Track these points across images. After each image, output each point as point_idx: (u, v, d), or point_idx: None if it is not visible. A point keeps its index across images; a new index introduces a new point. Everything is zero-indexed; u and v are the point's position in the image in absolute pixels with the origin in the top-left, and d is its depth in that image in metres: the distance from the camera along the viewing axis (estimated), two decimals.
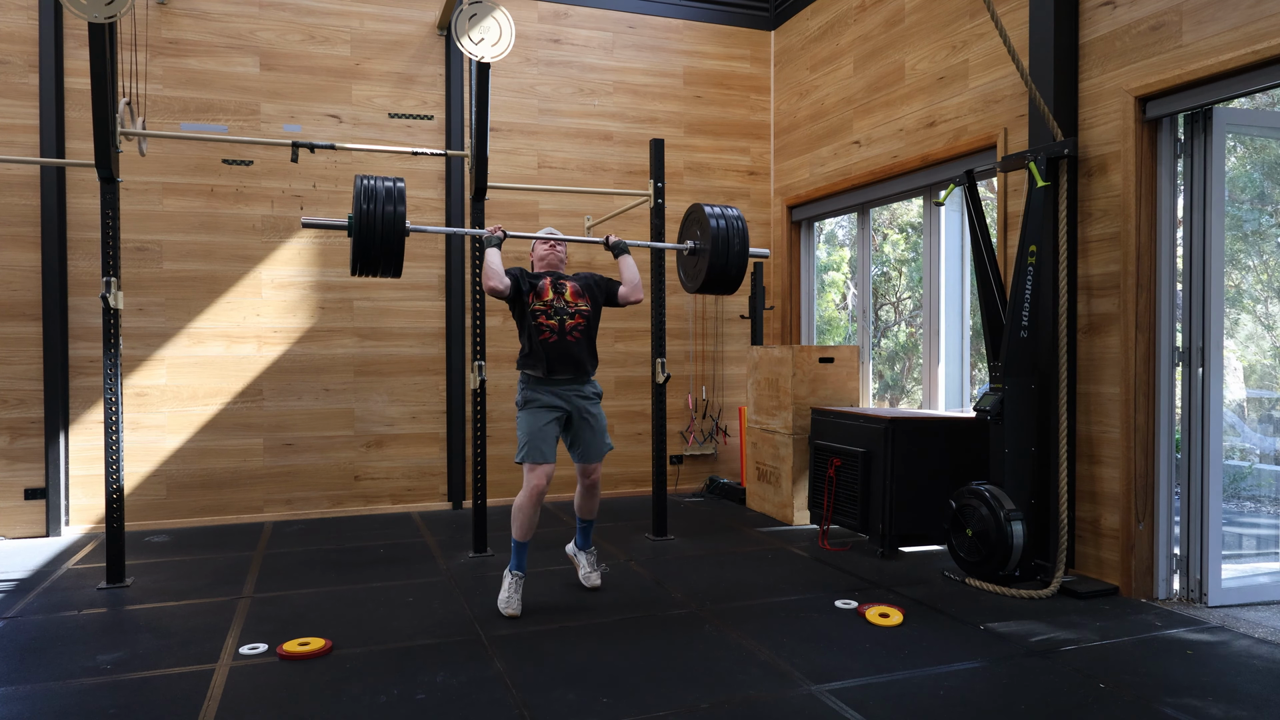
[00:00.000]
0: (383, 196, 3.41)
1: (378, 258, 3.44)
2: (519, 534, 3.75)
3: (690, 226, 4.12)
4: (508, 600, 3.68)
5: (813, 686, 2.91)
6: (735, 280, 3.99)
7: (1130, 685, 2.92)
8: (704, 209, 3.98)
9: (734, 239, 3.92)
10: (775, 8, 6.90)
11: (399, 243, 3.46)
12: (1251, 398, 4.85)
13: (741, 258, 3.94)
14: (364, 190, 3.42)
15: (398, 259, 3.49)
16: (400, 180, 3.53)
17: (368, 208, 3.38)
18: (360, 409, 5.91)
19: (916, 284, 8.53)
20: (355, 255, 3.44)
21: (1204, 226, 3.79)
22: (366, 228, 3.38)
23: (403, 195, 3.46)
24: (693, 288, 4.12)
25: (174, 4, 5.53)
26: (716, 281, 3.97)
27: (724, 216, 3.93)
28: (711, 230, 3.87)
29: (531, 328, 3.79)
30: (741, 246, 3.92)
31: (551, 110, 6.37)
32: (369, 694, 2.87)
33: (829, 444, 5.14)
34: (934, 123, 5.20)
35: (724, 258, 3.89)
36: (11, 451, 5.24)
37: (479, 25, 4.15)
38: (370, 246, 3.41)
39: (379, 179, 3.49)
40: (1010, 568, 3.99)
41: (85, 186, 5.34)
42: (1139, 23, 3.86)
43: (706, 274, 3.93)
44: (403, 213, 3.44)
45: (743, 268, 3.98)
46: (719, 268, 3.91)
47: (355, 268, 3.50)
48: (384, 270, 3.51)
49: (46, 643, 3.37)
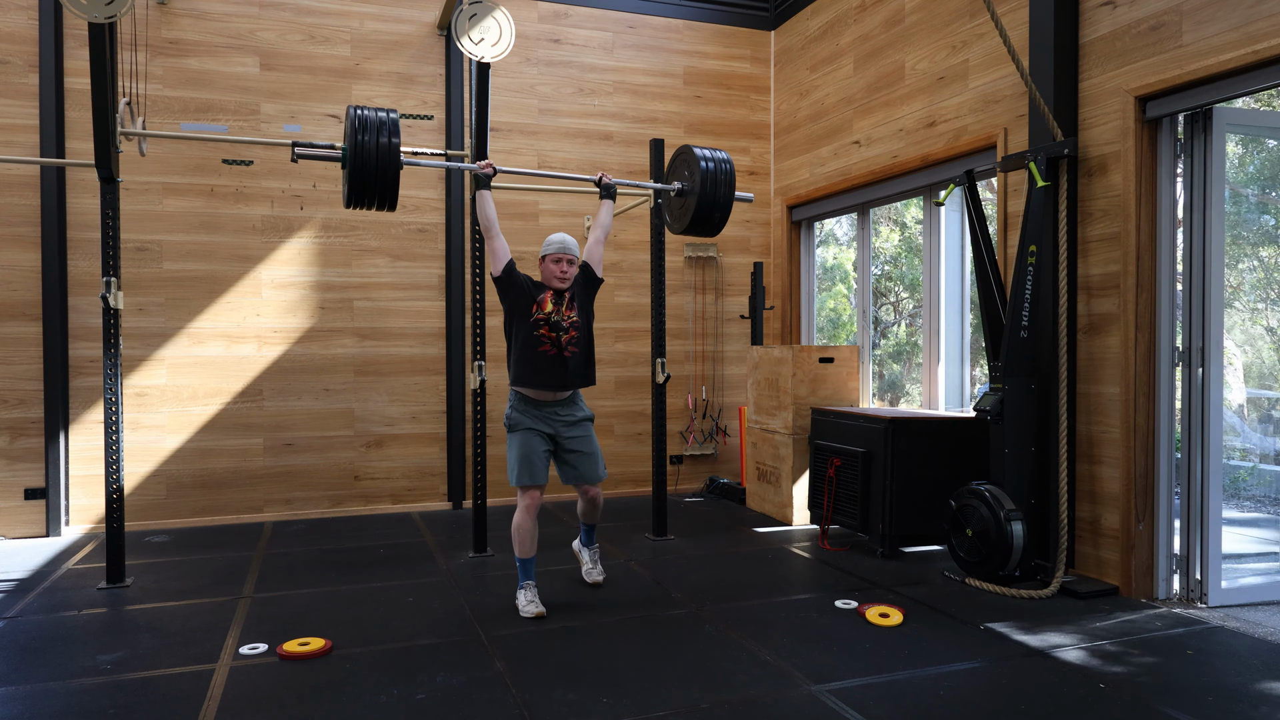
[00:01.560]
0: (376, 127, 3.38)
1: (372, 189, 3.40)
2: (521, 552, 3.77)
3: (679, 167, 4.14)
4: (528, 603, 3.69)
5: (813, 686, 2.91)
6: (720, 221, 4.07)
7: (1130, 685, 2.92)
8: (694, 150, 4.02)
9: (721, 180, 4.00)
10: (775, 8, 6.90)
11: (394, 174, 3.41)
12: (1252, 397, 4.85)
13: (728, 200, 4.03)
14: (358, 120, 3.39)
15: (393, 191, 3.44)
16: (394, 110, 3.50)
17: (362, 139, 3.35)
18: (360, 409, 5.91)
19: (914, 283, 8.52)
20: (350, 187, 3.40)
21: (1204, 226, 3.79)
22: (360, 158, 3.35)
23: (396, 126, 3.41)
24: (678, 229, 4.19)
25: (174, 4, 5.53)
26: (703, 221, 4.05)
27: (713, 159, 3.99)
28: (701, 170, 3.93)
29: (531, 338, 3.74)
30: (728, 189, 4.01)
31: (551, 110, 6.37)
32: (369, 694, 2.87)
33: (829, 444, 5.14)
34: (934, 123, 5.20)
35: (711, 199, 3.97)
36: (11, 451, 5.24)
37: (479, 25, 4.16)
38: (365, 177, 3.37)
39: (372, 109, 3.46)
40: (1010, 568, 3.99)
41: (85, 186, 5.34)
42: (1139, 23, 3.86)
43: (694, 213, 4.00)
44: (397, 144, 3.40)
45: (728, 209, 4.06)
46: (705, 208, 3.99)
47: (349, 200, 3.45)
48: (379, 203, 3.45)
49: (46, 643, 3.37)
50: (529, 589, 3.76)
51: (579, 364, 3.80)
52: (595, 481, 3.92)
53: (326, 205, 5.85)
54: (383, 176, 3.39)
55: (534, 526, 3.76)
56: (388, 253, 5.96)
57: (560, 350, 3.75)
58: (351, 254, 5.89)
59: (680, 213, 4.13)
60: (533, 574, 3.80)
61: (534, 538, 3.77)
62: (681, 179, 4.11)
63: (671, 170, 4.21)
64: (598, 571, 4.13)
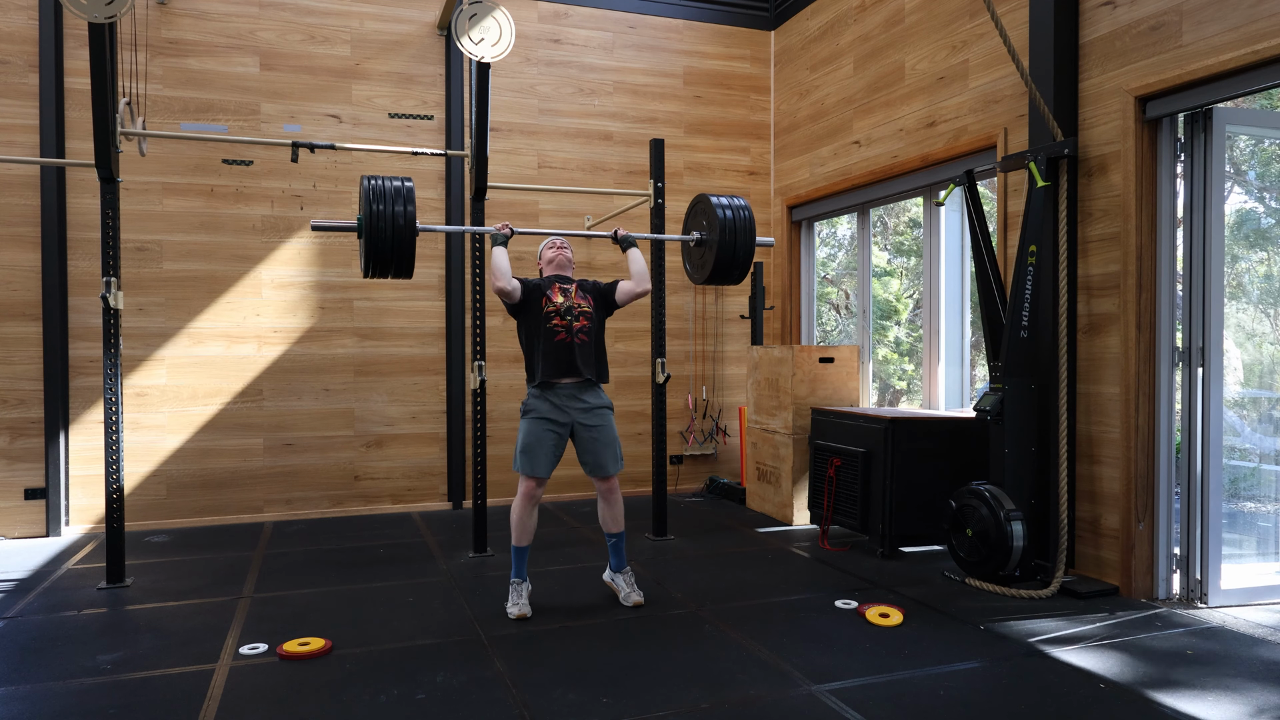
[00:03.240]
0: (392, 196, 3.36)
1: (389, 259, 3.38)
2: (517, 539, 3.77)
3: (696, 217, 4.10)
4: (515, 604, 3.69)
5: (813, 686, 2.91)
6: (743, 270, 3.96)
7: (1130, 685, 2.92)
8: (710, 199, 3.96)
9: (740, 228, 3.89)
10: (775, 8, 6.90)
11: (411, 243, 3.39)
12: (1254, 397, 4.85)
13: (748, 247, 3.90)
14: (372, 190, 3.36)
15: (409, 259, 3.43)
16: (409, 180, 3.48)
17: (378, 208, 3.33)
18: (360, 409, 5.91)
19: (911, 283, 8.52)
20: (366, 257, 3.38)
21: (1204, 226, 3.79)
22: (377, 229, 3.33)
23: (412, 195, 3.39)
24: (700, 279, 4.09)
25: (174, 4, 5.53)
26: (724, 272, 3.94)
27: (731, 206, 3.91)
28: (719, 220, 3.85)
29: (545, 330, 3.72)
30: (748, 236, 3.90)
31: (551, 110, 6.37)
32: (369, 694, 2.87)
33: (829, 444, 5.14)
34: (934, 123, 5.20)
35: (731, 249, 3.86)
36: (11, 451, 5.24)
37: (479, 25, 4.15)
38: (382, 248, 3.36)
39: (387, 179, 3.43)
40: (1010, 568, 3.99)
41: (85, 186, 5.34)
42: (1139, 23, 3.86)
43: (714, 264, 3.90)
44: (413, 212, 3.38)
45: (750, 257, 3.94)
46: (726, 258, 3.89)
47: (366, 269, 3.45)
48: (396, 272, 3.46)
49: (46, 643, 3.37)
50: (517, 587, 3.74)
51: (590, 351, 3.78)
52: (607, 473, 3.79)
53: (326, 205, 5.85)
54: (399, 246, 3.37)
55: (530, 516, 3.74)
56: None
57: (571, 337, 3.73)
58: (351, 254, 5.89)
59: (700, 263, 4.06)
60: (524, 570, 3.78)
61: (529, 527, 3.75)
62: (700, 229, 4.05)
63: (690, 220, 4.16)
64: (637, 594, 3.82)
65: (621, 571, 3.91)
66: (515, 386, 6.24)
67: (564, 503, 6.21)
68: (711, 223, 3.91)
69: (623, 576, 3.90)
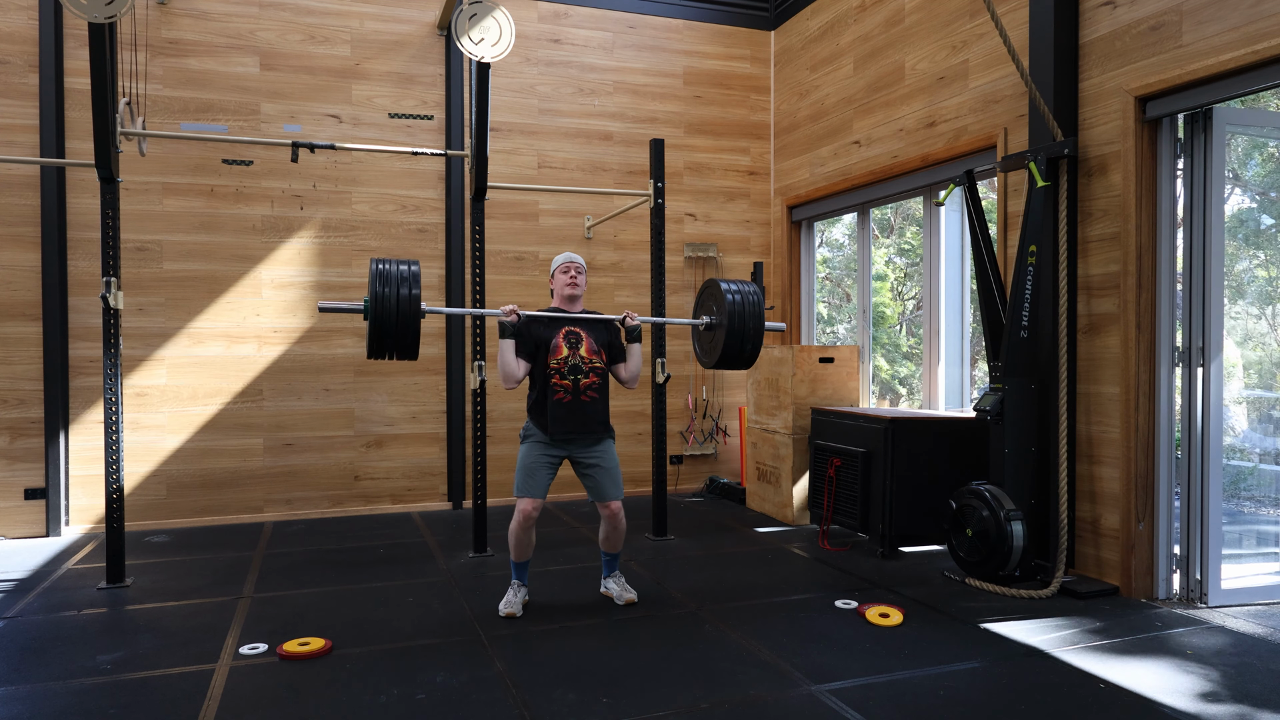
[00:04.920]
0: (397, 279, 3.41)
1: (393, 341, 3.44)
2: (515, 556, 3.78)
3: (706, 301, 4.11)
4: (507, 602, 3.71)
5: (813, 686, 2.91)
6: (753, 354, 3.93)
7: (1130, 685, 2.92)
8: (720, 284, 3.95)
9: (750, 313, 3.88)
10: (775, 8, 6.90)
11: (415, 326, 3.45)
12: (1254, 397, 4.85)
13: (758, 332, 3.88)
14: (378, 274, 3.42)
15: (414, 342, 3.47)
16: (415, 264, 3.49)
17: (383, 291, 3.39)
18: (360, 409, 5.91)
19: (907, 282, 8.53)
20: (371, 339, 3.43)
21: (1204, 226, 3.79)
22: (382, 312, 3.38)
23: (417, 278, 3.43)
24: (709, 363, 4.07)
25: (174, 4, 5.53)
26: (734, 356, 3.91)
27: (740, 292, 3.91)
28: (728, 305, 3.86)
29: (548, 387, 3.70)
30: (757, 321, 3.89)
31: (551, 110, 6.37)
32: (369, 694, 2.87)
33: (829, 444, 5.14)
34: (934, 123, 5.20)
35: (740, 335, 3.85)
36: (11, 451, 5.24)
37: (479, 25, 4.15)
38: (386, 330, 3.41)
39: (393, 262, 3.48)
40: (1010, 568, 3.99)
41: (85, 186, 5.34)
42: (1139, 23, 3.86)
43: (724, 348, 3.90)
44: (418, 295, 3.42)
45: (759, 342, 3.91)
46: (736, 343, 3.86)
47: (372, 353, 3.49)
48: (400, 354, 3.49)
49: (46, 643, 3.37)
50: (514, 588, 3.77)
51: (596, 408, 3.73)
52: (610, 496, 3.77)
53: (326, 205, 5.85)
54: (403, 329, 3.41)
55: (527, 536, 3.73)
56: (388, 253, 5.96)
57: (576, 396, 3.69)
58: (351, 254, 5.89)
59: (710, 347, 4.05)
60: (524, 576, 3.81)
61: (526, 545, 3.75)
62: (709, 313, 4.06)
63: (699, 304, 4.17)
64: (629, 592, 3.86)
65: (611, 575, 3.95)
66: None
67: (564, 503, 6.21)
68: (721, 307, 3.92)
69: (613, 579, 3.94)
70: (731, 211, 6.89)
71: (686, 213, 6.74)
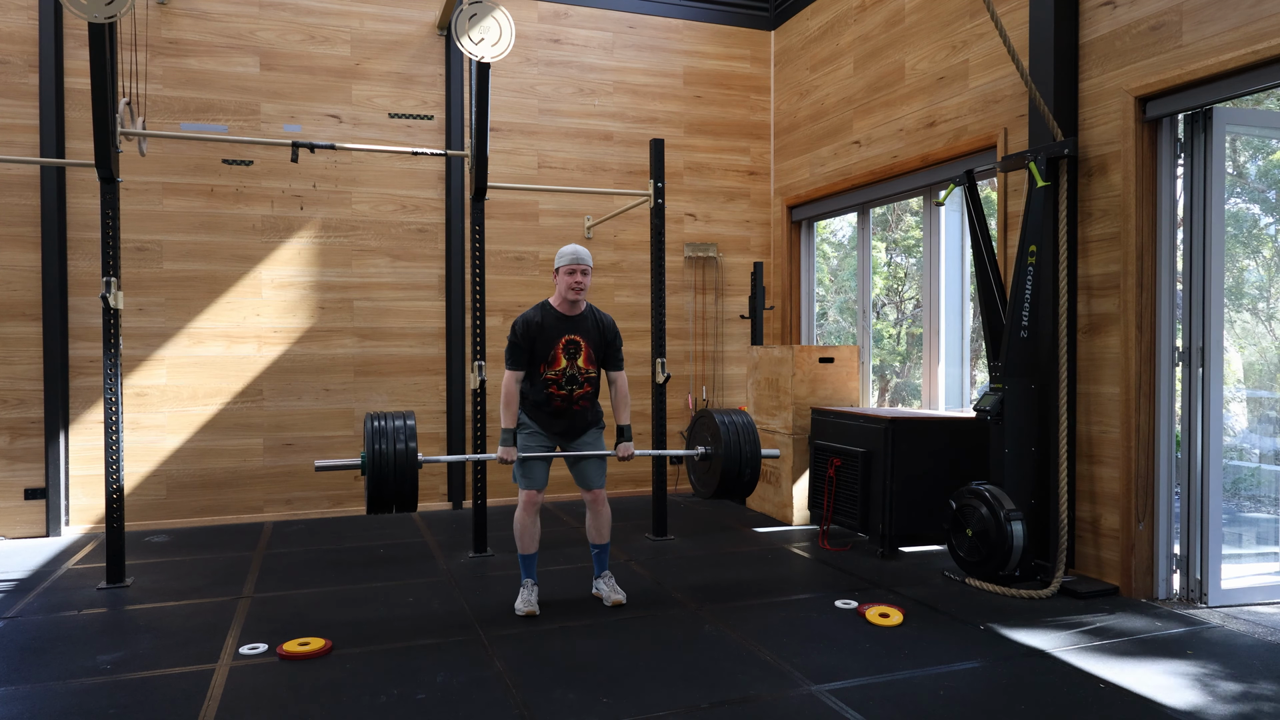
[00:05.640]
0: (393, 435, 3.46)
1: (392, 495, 3.48)
2: (522, 548, 3.80)
3: (700, 432, 4.14)
4: (524, 601, 3.72)
5: (813, 686, 2.91)
6: (749, 484, 3.96)
7: (1129, 685, 2.92)
8: (714, 415, 3.98)
9: (745, 439, 3.91)
10: (775, 8, 6.91)
11: (413, 478, 3.49)
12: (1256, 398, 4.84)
13: (754, 459, 3.91)
14: (375, 431, 3.47)
15: (413, 495, 3.52)
16: (410, 417, 3.53)
17: (380, 447, 3.44)
18: (360, 409, 5.91)
19: (906, 281, 8.52)
20: (370, 494, 3.47)
21: (1204, 226, 3.79)
22: (380, 467, 3.44)
23: (413, 432, 3.48)
24: (706, 493, 4.10)
25: (174, 4, 5.53)
26: (730, 486, 3.95)
27: (733, 424, 3.94)
28: (723, 434, 3.89)
29: (544, 393, 3.76)
30: (753, 447, 3.91)
31: (551, 110, 6.37)
32: (369, 694, 2.87)
33: (829, 444, 5.14)
34: (934, 123, 5.20)
35: (737, 463, 3.89)
36: (11, 451, 5.24)
37: (479, 25, 4.15)
38: (384, 484, 3.45)
39: (389, 417, 3.52)
40: (1010, 568, 3.99)
41: (85, 186, 5.34)
42: (1139, 23, 3.86)
43: (720, 478, 3.93)
44: (414, 449, 3.48)
45: (756, 470, 3.94)
46: (733, 472, 3.90)
47: (371, 508, 3.52)
48: (398, 507, 3.53)
49: (46, 643, 3.37)
50: (527, 587, 3.78)
51: (586, 413, 3.84)
52: (593, 485, 3.86)
53: (326, 205, 5.85)
54: (401, 482, 3.47)
55: (533, 524, 3.78)
56: (388, 253, 5.96)
57: (569, 404, 3.78)
58: (351, 254, 5.89)
59: (707, 477, 4.09)
60: (533, 572, 3.82)
61: (533, 535, 3.79)
62: (704, 443, 4.10)
63: (693, 435, 4.21)
64: (618, 594, 3.86)
65: (601, 576, 3.95)
66: None
67: (564, 503, 6.21)
68: (715, 436, 3.95)
69: (603, 580, 3.94)
70: (731, 211, 6.89)
71: (686, 213, 6.74)
